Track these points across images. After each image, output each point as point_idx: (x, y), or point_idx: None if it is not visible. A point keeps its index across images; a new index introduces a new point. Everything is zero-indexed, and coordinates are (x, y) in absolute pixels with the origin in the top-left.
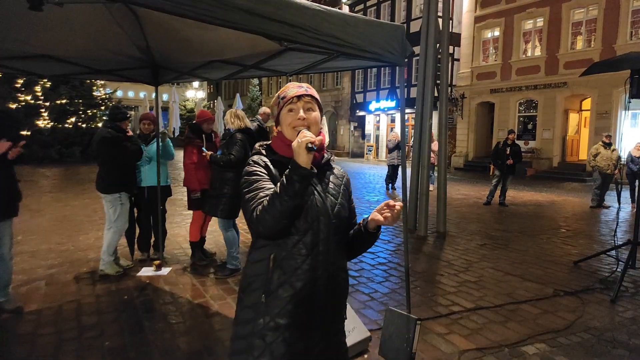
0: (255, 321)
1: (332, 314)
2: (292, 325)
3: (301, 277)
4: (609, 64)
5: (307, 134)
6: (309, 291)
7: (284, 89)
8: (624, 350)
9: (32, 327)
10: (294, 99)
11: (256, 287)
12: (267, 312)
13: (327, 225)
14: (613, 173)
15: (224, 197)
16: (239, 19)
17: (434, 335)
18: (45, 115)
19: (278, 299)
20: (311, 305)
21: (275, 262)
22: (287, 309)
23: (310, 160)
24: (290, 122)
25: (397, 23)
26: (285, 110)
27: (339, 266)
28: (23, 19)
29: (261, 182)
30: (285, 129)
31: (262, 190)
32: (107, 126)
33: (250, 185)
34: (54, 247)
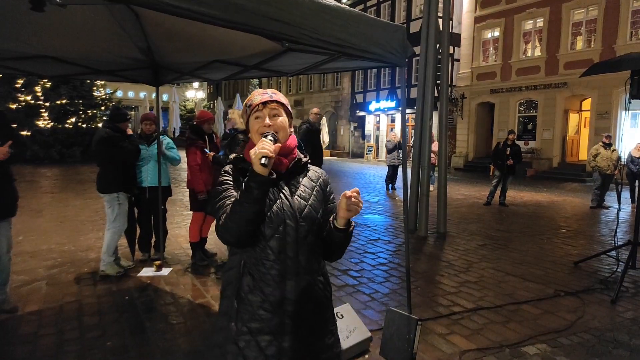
0: (229, 327)
1: (309, 319)
2: (262, 330)
3: (270, 282)
4: (609, 64)
5: (265, 147)
6: (278, 296)
7: (250, 97)
8: (625, 350)
9: (33, 328)
10: (259, 106)
11: (229, 294)
12: (239, 317)
13: (295, 229)
14: (613, 173)
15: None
16: (240, 19)
17: (434, 336)
18: (45, 115)
19: (249, 304)
20: (282, 311)
21: (245, 268)
22: (258, 314)
23: (266, 170)
24: (257, 129)
25: (397, 23)
26: (252, 118)
27: (312, 269)
28: (24, 20)
29: (228, 191)
30: (253, 136)
31: (229, 198)
32: (106, 126)
33: (219, 194)
34: (55, 247)
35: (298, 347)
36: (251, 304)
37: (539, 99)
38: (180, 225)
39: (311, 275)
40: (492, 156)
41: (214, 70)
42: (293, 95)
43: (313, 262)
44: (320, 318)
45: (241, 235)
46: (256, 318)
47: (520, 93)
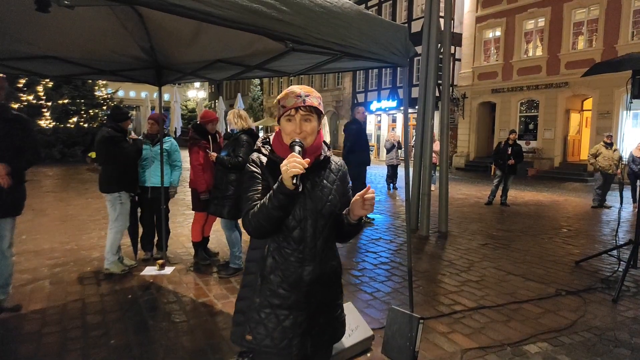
0: (252, 299)
1: (322, 297)
2: (281, 306)
3: (289, 266)
4: (610, 64)
5: (296, 165)
6: (297, 278)
7: (284, 96)
8: (626, 349)
9: (37, 326)
10: (291, 111)
11: (253, 271)
12: (261, 293)
13: (314, 223)
14: (614, 173)
15: (229, 199)
16: (244, 20)
17: (436, 334)
18: (47, 115)
19: (270, 283)
20: (299, 290)
21: (269, 252)
22: (278, 292)
23: (294, 186)
24: (288, 131)
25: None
26: (284, 119)
27: (327, 256)
28: (28, 20)
29: (256, 184)
30: (283, 135)
31: (256, 192)
32: (107, 126)
33: (247, 186)
34: (58, 246)
35: (311, 320)
36: (272, 282)
37: (540, 99)
38: (182, 224)
39: (326, 261)
40: (493, 156)
41: (217, 70)
42: None
43: (328, 249)
44: (331, 295)
45: (265, 232)
46: (276, 295)
47: (521, 93)
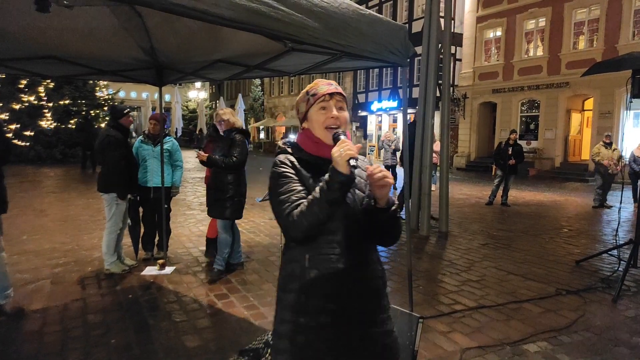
0: (297, 320)
1: (371, 307)
2: (330, 323)
3: (338, 275)
4: (610, 64)
5: (350, 147)
6: (346, 288)
7: (313, 86)
8: (626, 348)
9: (38, 326)
10: (325, 97)
11: (293, 287)
12: (307, 311)
13: (357, 221)
14: (615, 172)
15: (227, 200)
16: (241, 19)
17: (436, 334)
18: (48, 115)
19: (316, 297)
20: (349, 301)
21: (311, 262)
22: (327, 307)
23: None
24: (323, 120)
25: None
26: (317, 108)
27: (373, 259)
28: (29, 20)
29: (291, 184)
30: (316, 128)
31: (293, 192)
32: (110, 125)
33: (282, 187)
34: (59, 246)
35: (362, 334)
36: (318, 297)
37: (541, 99)
38: (183, 224)
39: (373, 265)
40: (494, 156)
41: (217, 70)
42: (295, 95)
43: (371, 250)
44: (379, 305)
45: (311, 232)
46: (324, 311)
47: (522, 93)
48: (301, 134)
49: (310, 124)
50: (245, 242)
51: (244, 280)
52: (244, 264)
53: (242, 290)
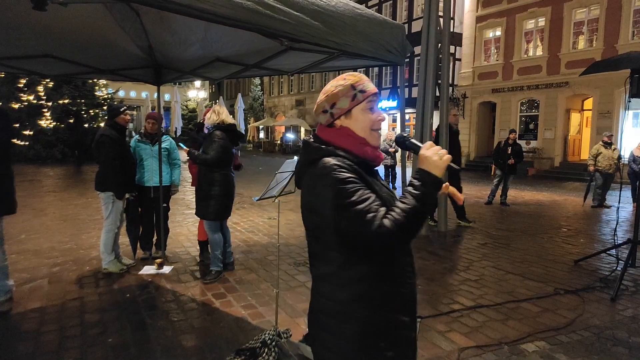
0: (377, 345)
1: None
2: (406, 338)
3: (407, 287)
4: (609, 63)
5: (445, 152)
6: (413, 298)
7: (359, 80)
8: (624, 348)
9: (35, 325)
10: (374, 96)
11: (363, 314)
12: (387, 333)
13: None
14: (615, 172)
15: (212, 199)
16: (236, 16)
17: (434, 333)
18: (47, 115)
19: (391, 314)
20: (414, 312)
21: (384, 278)
22: (402, 320)
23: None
24: (373, 121)
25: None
26: (364, 107)
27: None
28: (26, 19)
29: (362, 190)
30: (360, 128)
31: (372, 200)
32: (107, 124)
33: (353, 195)
34: (57, 245)
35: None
36: (394, 314)
37: (540, 99)
38: (181, 224)
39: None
40: (493, 155)
41: (215, 69)
42: (294, 95)
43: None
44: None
45: (408, 242)
46: (399, 327)
47: (521, 92)
48: (339, 133)
49: (352, 122)
50: (243, 242)
51: (242, 279)
52: (239, 263)
53: (240, 289)
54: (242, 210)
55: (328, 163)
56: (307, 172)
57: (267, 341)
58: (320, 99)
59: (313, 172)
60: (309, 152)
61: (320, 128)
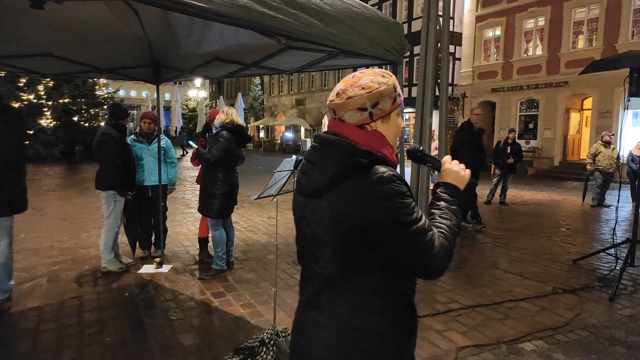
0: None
1: None
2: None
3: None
4: (608, 62)
5: (464, 167)
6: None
7: (395, 84)
8: (622, 347)
9: (34, 323)
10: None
11: (397, 337)
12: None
13: None
14: (614, 171)
15: (216, 197)
16: (234, 14)
17: (432, 332)
18: (48, 114)
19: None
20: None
21: (407, 303)
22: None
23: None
24: (401, 128)
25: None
26: (399, 112)
27: None
28: (24, 18)
29: (416, 207)
30: (392, 134)
31: (425, 219)
32: (108, 124)
33: (414, 212)
34: (56, 244)
35: None
36: (410, 335)
37: (540, 98)
38: (180, 223)
39: None
40: (492, 155)
41: (214, 68)
42: (294, 94)
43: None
44: None
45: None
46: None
47: (521, 92)
48: (375, 137)
49: (386, 127)
50: (243, 241)
51: (241, 278)
52: (238, 262)
53: (239, 288)
54: (242, 209)
55: (385, 173)
56: (352, 180)
57: (266, 340)
58: (358, 94)
59: (362, 182)
60: (353, 155)
61: (346, 127)
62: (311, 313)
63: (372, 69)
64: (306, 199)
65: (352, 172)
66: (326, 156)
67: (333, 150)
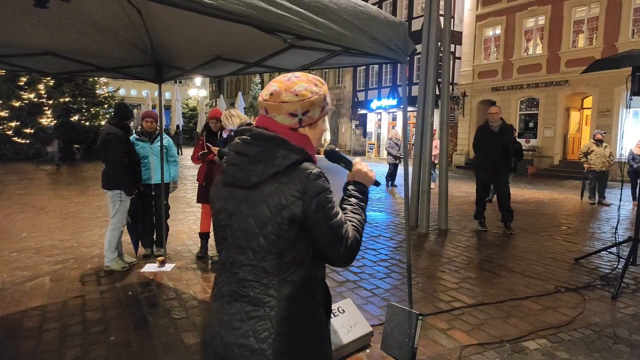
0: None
1: None
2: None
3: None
4: (610, 61)
5: (371, 170)
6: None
7: (326, 92)
8: (625, 346)
9: (37, 323)
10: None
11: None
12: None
13: None
14: (607, 170)
15: None
16: (241, 13)
17: (435, 331)
18: (48, 113)
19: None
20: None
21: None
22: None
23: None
24: (323, 133)
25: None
26: (323, 119)
27: None
28: (27, 16)
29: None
30: (316, 139)
31: (341, 213)
32: (111, 123)
33: (334, 207)
34: (58, 243)
35: None
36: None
37: (540, 97)
38: (182, 222)
39: None
40: None
41: (216, 67)
42: None
43: None
44: None
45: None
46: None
47: (521, 91)
48: (303, 140)
49: (312, 132)
50: None
51: None
52: None
53: None
54: None
55: (314, 170)
56: (285, 175)
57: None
58: (291, 100)
59: (295, 177)
60: (292, 152)
61: (279, 126)
62: (237, 304)
63: (305, 74)
64: (230, 191)
65: (288, 167)
66: (264, 150)
67: (272, 146)
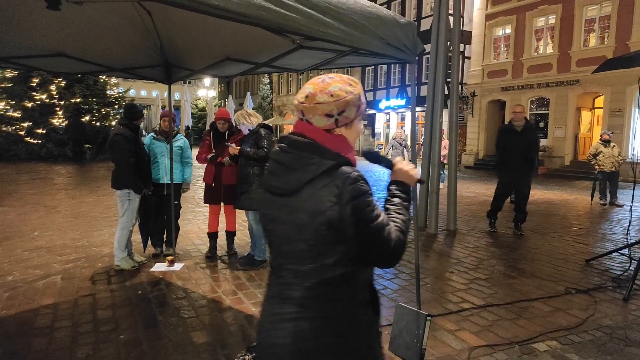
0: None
1: None
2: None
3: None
4: (622, 60)
5: (413, 168)
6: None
7: (360, 91)
8: (637, 348)
9: (49, 321)
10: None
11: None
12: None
13: None
14: (617, 170)
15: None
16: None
17: (444, 332)
18: (60, 113)
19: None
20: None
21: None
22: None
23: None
24: (359, 133)
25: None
26: (359, 119)
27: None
28: (40, 18)
29: (377, 204)
30: (353, 138)
31: (383, 214)
32: (121, 123)
33: (376, 208)
34: (69, 242)
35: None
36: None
37: (550, 97)
38: (192, 221)
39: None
40: None
41: (226, 68)
42: None
43: None
44: None
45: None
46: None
47: (531, 90)
48: (340, 140)
49: (349, 132)
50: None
51: (253, 276)
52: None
53: (251, 287)
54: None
55: (352, 173)
56: (322, 180)
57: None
58: (326, 100)
59: (332, 182)
60: (326, 158)
61: (314, 130)
62: (282, 305)
63: (339, 75)
64: (271, 197)
65: (324, 173)
66: (298, 157)
67: (307, 153)
